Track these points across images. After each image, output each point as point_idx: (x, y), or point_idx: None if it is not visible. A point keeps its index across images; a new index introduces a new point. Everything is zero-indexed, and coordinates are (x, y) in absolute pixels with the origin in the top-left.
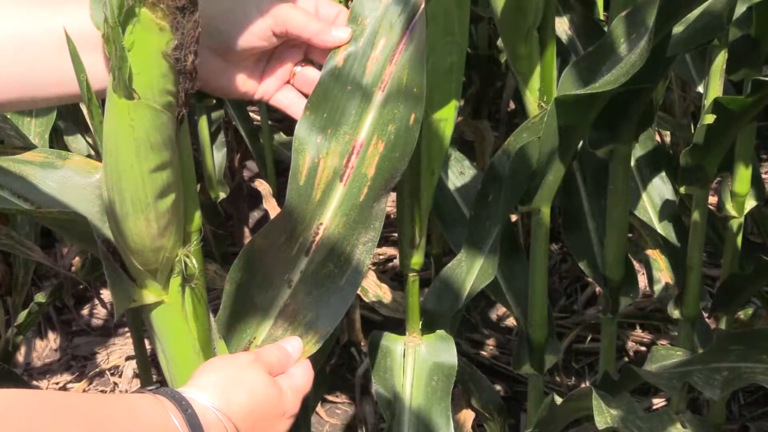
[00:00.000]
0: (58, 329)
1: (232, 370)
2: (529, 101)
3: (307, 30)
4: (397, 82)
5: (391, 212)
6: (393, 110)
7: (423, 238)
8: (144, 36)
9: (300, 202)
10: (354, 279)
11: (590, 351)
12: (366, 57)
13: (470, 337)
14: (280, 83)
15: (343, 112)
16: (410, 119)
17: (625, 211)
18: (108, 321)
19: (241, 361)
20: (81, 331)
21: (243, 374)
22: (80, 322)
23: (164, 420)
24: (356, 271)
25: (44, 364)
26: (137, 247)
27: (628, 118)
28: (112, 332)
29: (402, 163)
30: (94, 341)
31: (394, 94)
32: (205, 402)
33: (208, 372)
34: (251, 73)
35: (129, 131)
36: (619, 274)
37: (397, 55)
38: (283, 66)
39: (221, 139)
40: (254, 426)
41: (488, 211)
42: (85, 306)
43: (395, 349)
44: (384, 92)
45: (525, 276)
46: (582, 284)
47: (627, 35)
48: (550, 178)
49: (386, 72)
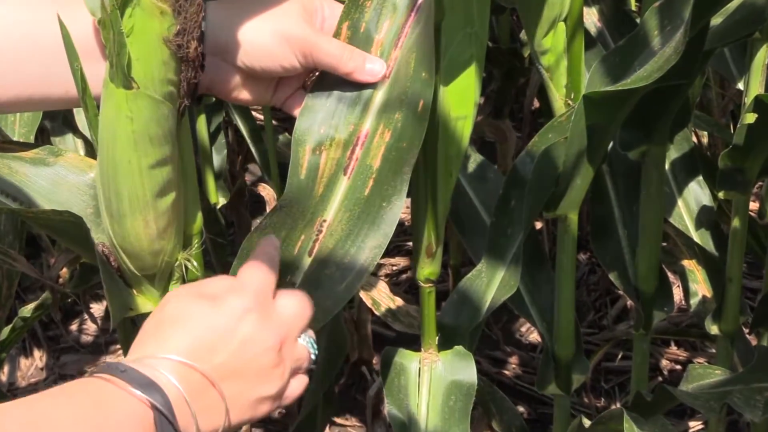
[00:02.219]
0: (45, 346)
1: (211, 318)
2: (555, 99)
3: (339, 68)
4: (404, 66)
5: (405, 219)
6: (400, 97)
7: (440, 246)
8: (144, 20)
9: (301, 197)
10: (354, 283)
11: (621, 369)
12: (370, 41)
13: (491, 354)
14: (294, 89)
15: (347, 100)
16: (418, 106)
17: (659, 218)
18: (98, 337)
19: (218, 286)
20: (69, 348)
21: (234, 325)
22: (68, 338)
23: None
24: (358, 276)
25: (29, 384)
26: (134, 250)
27: (662, 118)
28: (103, 350)
29: (410, 154)
30: (84, 359)
31: (401, 80)
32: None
33: (176, 326)
34: (268, 85)
35: (127, 123)
36: (652, 286)
37: (403, 38)
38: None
39: (221, 140)
40: (233, 370)
41: (510, 217)
42: (74, 321)
43: (410, 366)
44: (390, 78)
45: (550, 288)
46: (612, 297)
47: (661, 27)
48: (578, 182)
49: (392, 57)
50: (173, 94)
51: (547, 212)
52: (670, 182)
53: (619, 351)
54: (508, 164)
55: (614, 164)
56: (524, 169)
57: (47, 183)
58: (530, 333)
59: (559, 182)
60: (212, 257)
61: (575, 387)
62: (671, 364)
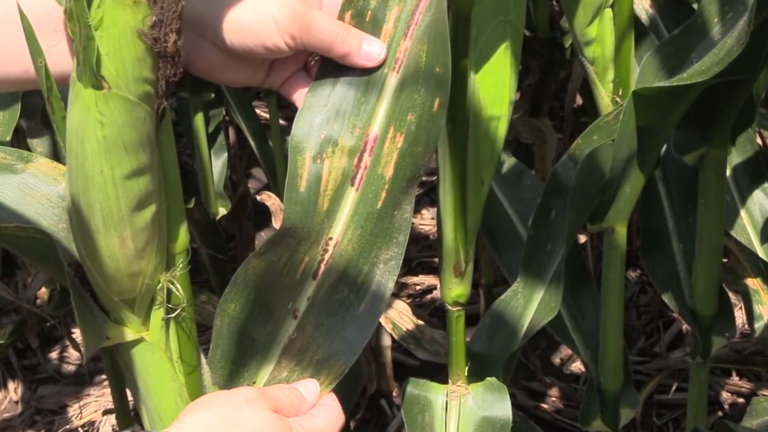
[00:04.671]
0: (20, 377)
1: (228, 407)
2: (601, 95)
3: (333, 50)
4: (415, 60)
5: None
6: (412, 95)
7: (470, 264)
8: (115, 11)
9: (302, 213)
10: (375, 306)
11: (676, 403)
12: (377, 31)
13: (528, 386)
14: (294, 70)
15: (351, 99)
16: (434, 105)
17: (718, 231)
18: (81, 367)
19: (240, 398)
20: (48, 378)
21: (241, 413)
22: (47, 367)
23: None
24: (377, 296)
25: (2, 420)
26: (110, 272)
27: (722, 117)
28: (87, 380)
29: (424, 159)
30: (65, 391)
31: (412, 76)
32: None
33: (198, 411)
34: (260, 64)
35: (97, 128)
36: (711, 308)
37: (413, 27)
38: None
39: (221, 141)
40: None
41: (550, 230)
42: (54, 348)
43: (435, 400)
44: (399, 73)
45: (595, 311)
46: (665, 321)
47: (722, 14)
48: (627, 189)
49: (401, 48)
50: (150, 94)
51: (592, 224)
52: (731, 190)
53: (674, 382)
54: (548, 169)
55: (668, 170)
56: (566, 175)
57: (14, 193)
58: (572, 362)
59: (605, 190)
60: (210, 275)
61: (624, 423)
62: (733, 396)
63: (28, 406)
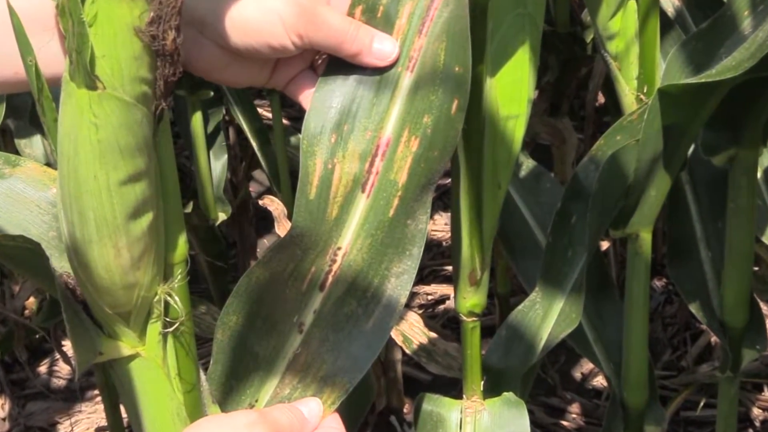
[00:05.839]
0: (7, 392)
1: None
2: (624, 93)
3: (342, 49)
4: (432, 58)
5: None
6: (429, 96)
7: (485, 272)
8: (110, 7)
9: (311, 221)
10: (384, 321)
11: (704, 420)
12: (390, 28)
13: (547, 401)
14: (300, 69)
15: (363, 100)
16: (452, 107)
17: (749, 237)
18: (72, 381)
19: (238, 423)
20: (37, 394)
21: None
22: (36, 382)
23: None
24: (387, 311)
25: None
26: (104, 284)
27: (753, 116)
28: (78, 396)
29: (441, 165)
30: (55, 407)
31: (428, 75)
32: None
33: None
34: (264, 64)
35: (91, 131)
36: (741, 319)
37: (429, 22)
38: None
39: (221, 142)
40: None
41: (570, 236)
42: (43, 361)
43: (449, 417)
44: (413, 73)
45: (619, 322)
46: (693, 333)
47: (752, 6)
48: (652, 193)
49: (415, 46)
50: (147, 94)
51: (615, 230)
52: (762, 193)
53: (702, 397)
54: (567, 172)
55: (696, 172)
56: (587, 178)
57: (1, 199)
58: (594, 376)
59: (629, 194)
60: (210, 284)
61: None
62: (764, 413)
63: (16, 423)
